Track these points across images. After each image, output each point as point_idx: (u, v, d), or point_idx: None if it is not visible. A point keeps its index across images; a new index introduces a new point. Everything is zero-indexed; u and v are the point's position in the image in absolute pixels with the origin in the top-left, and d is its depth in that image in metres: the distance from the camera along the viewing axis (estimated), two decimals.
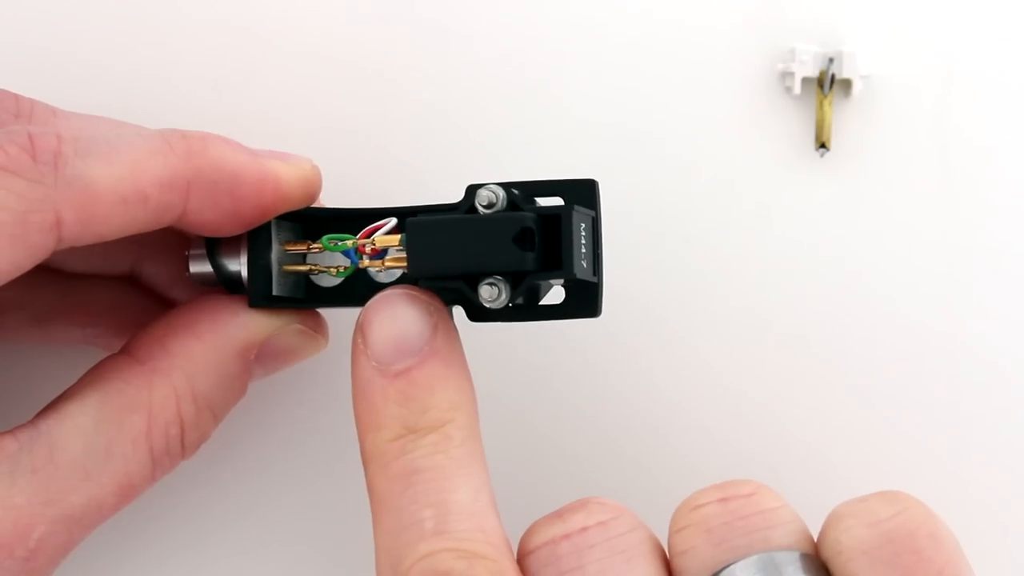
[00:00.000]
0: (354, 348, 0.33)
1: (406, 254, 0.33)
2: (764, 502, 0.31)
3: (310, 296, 0.37)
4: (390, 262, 0.35)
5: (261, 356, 0.36)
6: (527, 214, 0.32)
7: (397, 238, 0.34)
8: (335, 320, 0.38)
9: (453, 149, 0.42)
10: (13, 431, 0.33)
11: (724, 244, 0.41)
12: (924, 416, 0.41)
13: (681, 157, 0.42)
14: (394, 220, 0.35)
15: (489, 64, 0.42)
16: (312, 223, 0.36)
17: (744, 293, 0.41)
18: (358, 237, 0.35)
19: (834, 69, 0.41)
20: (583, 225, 0.33)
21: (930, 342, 0.41)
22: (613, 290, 0.35)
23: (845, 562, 0.30)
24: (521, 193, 0.33)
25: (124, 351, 0.35)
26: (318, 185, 0.36)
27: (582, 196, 0.34)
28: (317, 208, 0.37)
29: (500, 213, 0.33)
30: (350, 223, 0.36)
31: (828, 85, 0.41)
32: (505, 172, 0.35)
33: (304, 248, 0.36)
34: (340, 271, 0.36)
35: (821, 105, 0.41)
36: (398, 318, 0.33)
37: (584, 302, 0.34)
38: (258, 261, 0.36)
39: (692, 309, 0.41)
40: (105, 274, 0.40)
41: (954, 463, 0.41)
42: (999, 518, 0.41)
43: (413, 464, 0.31)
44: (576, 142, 0.42)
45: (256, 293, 0.36)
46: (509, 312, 0.33)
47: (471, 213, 0.33)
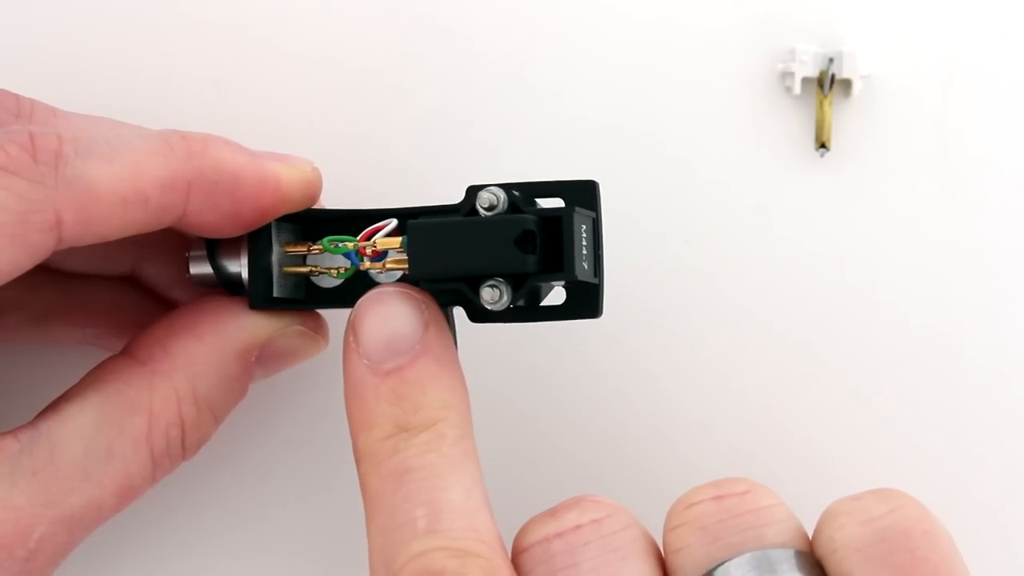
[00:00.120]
0: (346, 346, 0.33)
1: (407, 257, 0.33)
2: (758, 500, 0.31)
3: (310, 297, 0.37)
4: (391, 264, 0.35)
5: (262, 357, 0.36)
6: (528, 216, 0.32)
7: (398, 240, 0.34)
8: (335, 321, 0.38)
9: (454, 149, 0.42)
10: (14, 432, 0.33)
11: (724, 244, 0.41)
12: (922, 416, 0.41)
13: (681, 157, 0.42)
14: (394, 221, 0.35)
15: (490, 64, 0.42)
16: (312, 224, 0.36)
17: (744, 293, 0.41)
18: (358, 239, 0.35)
19: (834, 69, 0.41)
20: (584, 226, 0.33)
21: (929, 342, 0.41)
22: (613, 290, 0.35)
23: (839, 560, 0.30)
24: (521, 194, 0.33)
25: (125, 352, 0.35)
26: (318, 187, 0.36)
27: (583, 197, 0.34)
28: (317, 209, 0.37)
29: (501, 215, 0.33)
30: (350, 224, 0.35)
31: (828, 85, 0.41)
32: (506, 173, 0.35)
33: (304, 249, 0.36)
34: (340, 272, 0.36)
35: (821, 105, 0.41)
36: (390, 316, 0.33)
37: (585, 303, 0.34)
38: (258, 263, 0.36)
39: (692, 309, 0.41)
40: (105, 274, 0.40)
41: (952, 462, 0.41)
42: (996, 517, 0.41)
43: (406, 463, 0.31)
44: (576, 142, 0.42)
45: (257, 295, 0.36)
46: (510, 313, 0.33)
47: (472, 215, 0.33)
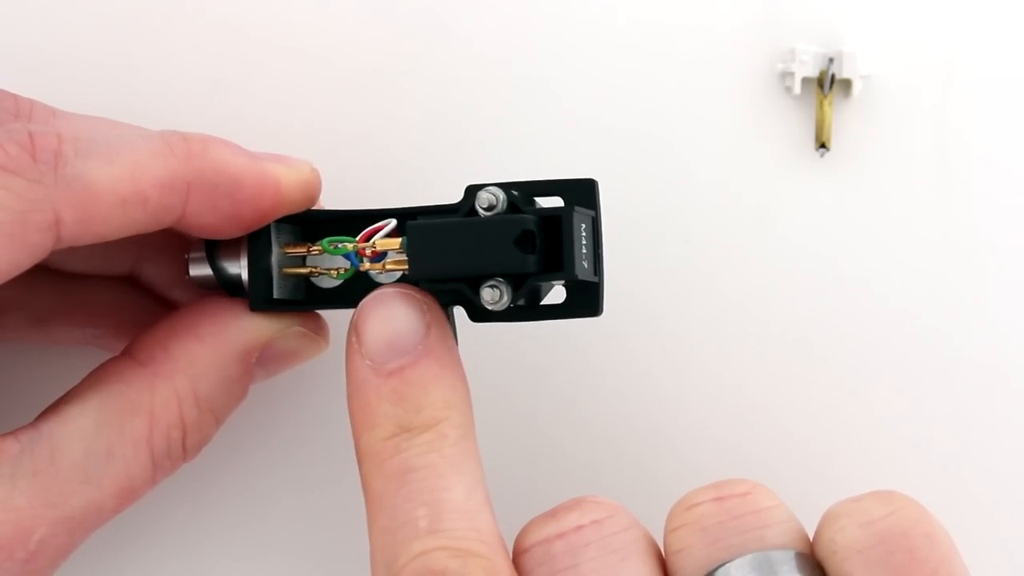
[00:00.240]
0: (348, 347, 0.33)
1: (407, 257, 0.33)
2: (759, 501, 0.31)
3: (310, 298, 0.37)
4: (391, 265, 0.35)
5: (263, 359, 0.36)
6: (528, 216, 0.32)
7: (398, 241, 0.34)
8: (335, 322, 0.38)
9: (453, 149, 0.42)
10: (15, 433, 0.33)
11: (724, 244, 0.41)
12: (922, 416, 0.41)
13: (681, 157, 0.41)
14: (394, 222, 0.35)
15: (490, 64, 0.42)
16: (312, 225, 0.36)
17: (744, 293, 0.41)
18: (358, 240, 0.35)
19: (834, 69, 0.41)
20: (583, 225, 0.33)
21: (929, 341, 0.41)
22: (613, 290, 0.35)
23: (840, 561, 0.30)
24: (520, 194, 0.33)
25: (126, 353, 0.35)
26: (318, 188, 0.36)
27: (582, 196, 0.33)
28: (316, 210, 0.37)
29: (500, 215, 0.33)
30: (350, 224, 0.35)
31: (828, 85, 0.41)
32: (505, 172, 0.35)
33: (304, 250, 0.36)
34: (340, 273, 0.36)
35: (821, 105, 0.41)
36: (392, 317, 0.33)
37: (585, 302, 0.34)
38: (258, 264, 0.36)
39: (692, 309, 0.41)
40: (105, 275, 0.40)
41: (952, 463, 0.41)
42: (996, 518, 0.41)
43: (407, 463, 0.31)
44: (576, 142, 0.42)
45: (257, 296, 0.36)
46: (511, 312, 0.33)
47: (471, 215, 0.33)
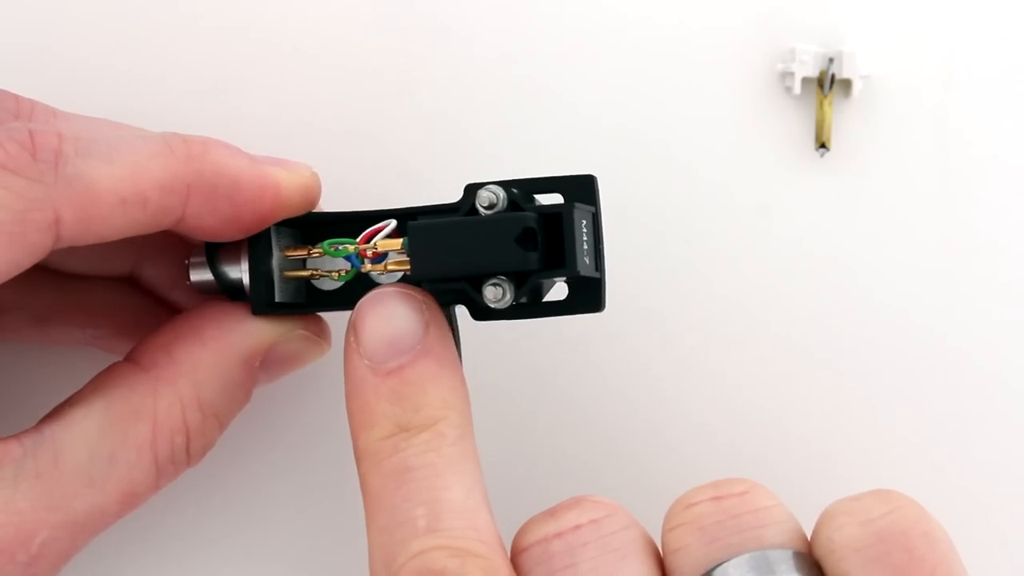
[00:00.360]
0: (347, 346, 0.33)
1: (408, 258, 0.33)
2: (757, 500, 0.31)
3: (312, 301, 0.37)
4: (392, 265, 0.34)
5: (266, 363, 0.36)
6: (528, 214, 0.32)
7: (399, 242, 0.34)
8: (337, 324, 0.38)
9: (454, 150, 0.42)
10: (18, 436, 0.33)
11: (724, 244, 0.41)
12: (922, 416, 0.41)
13: (681, 157, 0.41)
14: (394, 222, 0.35)
15: (490, 65, 0.42)
16: (311, 228, 0.36)
17: (744, 293, 0.41)
18: (358, 242, 0.35)
19: (834, 69, 0.41)
20: (584, 221, 0.33)
21: (929, 341, 0.41)
22: (613, 290, 0.35)
23: (837, 560, 0.30)
24: (520, 191, 0.33)
25: (129, 359, 0.35)
26: (317, 192, 0.36)
27: (582, 192, 0.33)
28: (316, 213, 0.36)
29: (501, 214, 0.33)
30: (349, 226, 0.35)
31: (828, 85, 0.41)
32: (506, 173, 0.34)
33: (304, 253, 0.36)
34: (341, 275, 0.36)
35: (821, 105, 0.41)
36: (390, 316, 0.33)
37: (587, 297, 0.34)
38: (259, 268, 0.35)
39: (692, 309, 0.41)
40: (105, 275, 0.40)
41: (951, 462, 0.41)
42: (996, 517, 0.41)
43: (406, 462, 0.31)
44: (576, 142, 0.41)
45: (259, 300, 0.36)
46: (513, 310, 0.33)
47: (471, 214, 0.33)
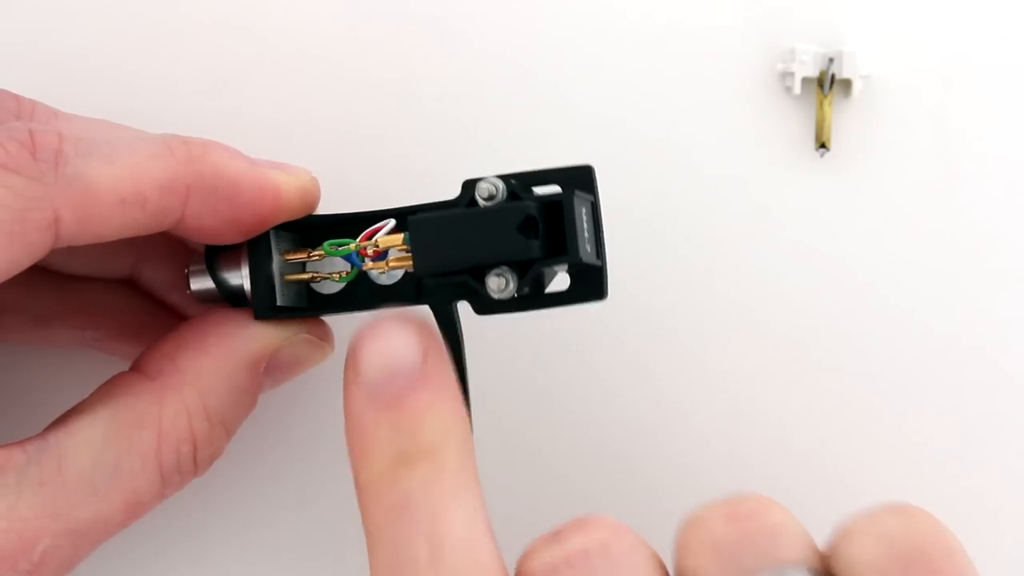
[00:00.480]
0: (345, 377, 0.32)
1: (410, 253, 0.33)
2: (770, 516, 0.31)
3: (313, 304, 0.37)
4: (393, 262, 0.34)
5: (270, 368, 0.36)
6: (529, 203, 0.32)
7: (400, 237, 0.34)
8: (339, 328, 0.38)
9: (454, 150, 0.42)
10: (22, 443, 0.33)
11: (724, 244, 0.41)
12: (925, 417, 0.41)
13: (681, 157, 0.41)
14: (393, 221, 0.35)
15: (490, 65, 0.42)
16: (310, 232, 0.36)
17: (744, 293, 0.41)
18: (359, 240, 0.35)
19: (834, 69, 0.41)
20: (584, 209, 0.33)
21: (931, 342, 0.41)
22: (614, 290, 0.34)
23: None
24: (519, 183, 0.33)
25: (135, 368, 0.35)
26: (317, 196, 0.36)
27: (580, 182, 0.33)
28: (315, 215, 0.36)
29: (501, 204, 0.33)
30: (348, 228, 0.35)
31: (828, 85, 0.41)
32: (505, 172, 0.35)
33: (304, 256, 0.36)
34: (342, 276, 0.36)
35: (821, 105, 0.41)
36: (387, 345, 0.32)
37: (590, 286, 0.34)
38: (260, 272, 0.35)
39: (692, 309, 0.41)
40: (105, 277, 0.40)
41: (955, 463, 0.41)
42: (1000, 521, 0.41)
43: (406, 495, 0.30)
44: (577, 142, 0.41)
45: (261, 304, 0.36)
46: (516, 302, 0.33)
47: (471, 207, 0.33)
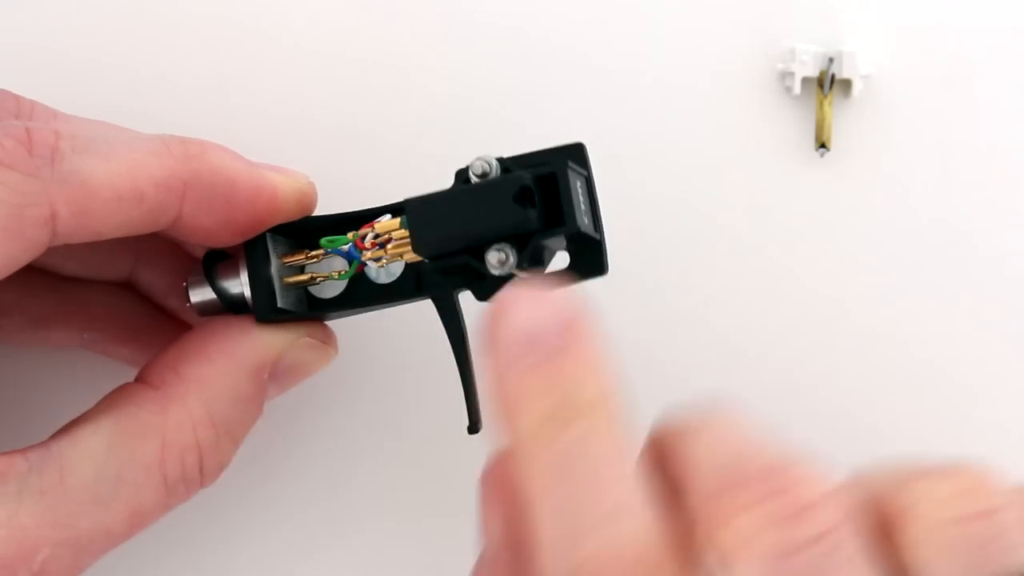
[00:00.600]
0: (487, 340, 0.30)
1: (409, 233, 0.33)
2: (997, 502, 0.29)
3: (314, 307, 0.37)
4: (392, 250, 0.34)
5: (274, 374, 0.36)
6: (524, 173, 0.32)
7: (397, 222, 0.34)
8: (340, 331, 0.38)
9: (453, 150, 0.41)
10: (24, 451, 0.32)
11: (724, 244, 0.41)
12: (925, 417, 0.41)
13: (681, 157, 0.42)
14: (388, 216, 0.35)
15: (489, 65, 0.42)
16: (306, 234, 0.36)
17: (743, 293, 0.41)
18: (358, 231, 0.35)
19: (834, 69, 0.41)
20: (579, 183, 0.33)
21: (930, 342, 0.41)
22: (614, 289, 0.34)
23: None
24: (512, 162, 0.33)
25: (139, 378, 0.35)
26: (313, 199, 0.37)
27: (572, 159, 0.33)
28: (311, 217, 0.37)
29: (496, 177, 0.33)
30: (344, 228, 0.35)
31: (828, 85, 0.41)
32: None
33: (302, 258, 0.36)
34: (341, 274, 0.36)
35: (821, 105, 0.41)
36: (537, 307, 0.30)
37: (590, 261, 0.34)
38: (259, 275, 0.35)
39: (692, 309, 0.41)
40: (103, 279, 0.40)
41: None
42: None
43: (568, 450, 0.29)
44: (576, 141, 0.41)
45: (262, 306, 0.36)
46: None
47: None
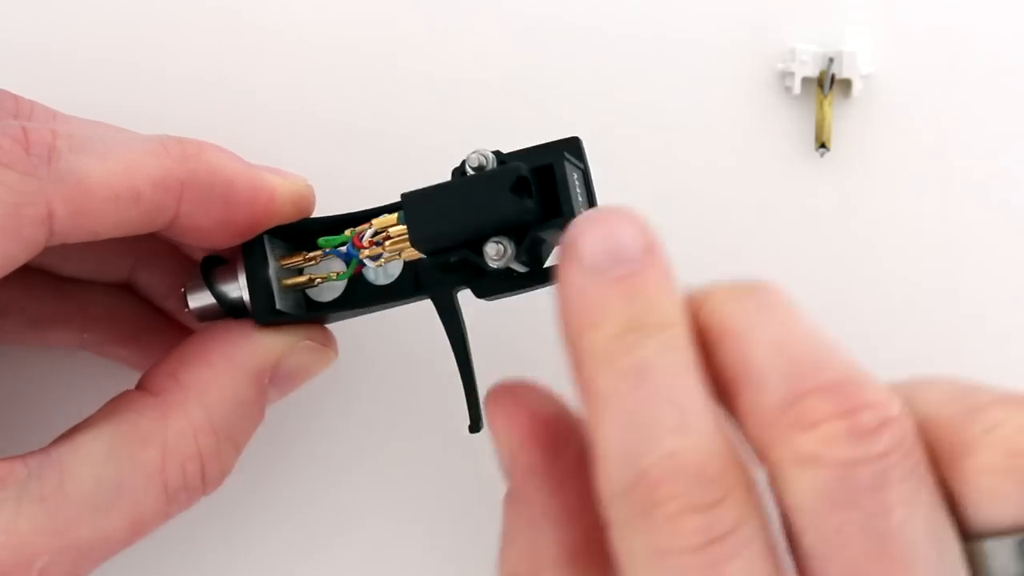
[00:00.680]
0: (564, 258, 0.30)
1: (406, 226, 0.33)
2: None
3: (312, 309, 0.36)
4: (390, 246, 0.34)
5: (275, 377, 0.36)
6: (520, 164, 0.32)
7: (394, 217, 0.34)
8: (340, 334, 0.38)
9: (453, 151, 0.41)
10: (24, 457, 0.32)
11: (724, 244, 0.41)
12: None
13: (681, 157, 0.41)
14: (384, 215, 0.34)
15: (489, 65, 0.42)
16: (304, 236, 0.36)
17: None
18: (356, 228, 0.35)
19: (834, 69, 0.41)
20: (575, 176, 0.33)
21: (930, 342, 0.41)
22: None
23: None
24: (507, 156, 0.33)
25: (139, 386, 0.35)
26: (311, 201, 0.36)
27: (569, 153, 0.33)
28: (308, 219, 0.36)
29: (493, 169, 0.33)
30: (341, 230, 0.35)
31: (828, 85, 0.41)
32: None
33: (300, 260, 0.36)
34: (340, 274, 0.36)
35: (821, 105, 0.41)
36: (616, 230, 0.30)
37: None
38: (257, 277, 0.35)
39: None
40: (102, 280, 0.40)
41: None
42: None
43: (644, 360, 0.29)
44: None
45: (261, 308, 0.35)
46: (517, 281, 0.33)
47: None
